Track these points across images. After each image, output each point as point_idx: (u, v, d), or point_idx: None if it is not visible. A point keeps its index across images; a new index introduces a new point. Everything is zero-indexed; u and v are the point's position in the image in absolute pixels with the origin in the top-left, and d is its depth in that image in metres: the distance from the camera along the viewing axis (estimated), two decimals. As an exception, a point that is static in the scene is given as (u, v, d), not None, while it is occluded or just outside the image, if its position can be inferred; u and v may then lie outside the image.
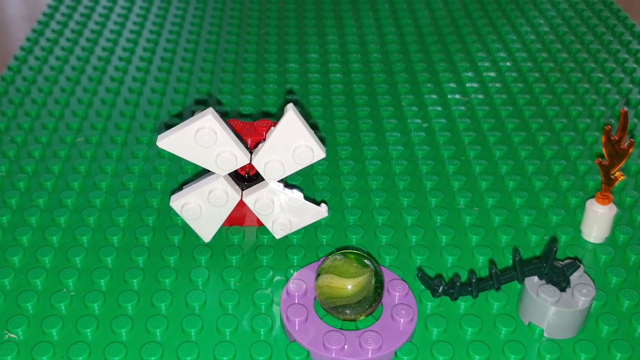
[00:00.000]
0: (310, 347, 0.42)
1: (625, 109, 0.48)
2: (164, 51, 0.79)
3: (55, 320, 0.44)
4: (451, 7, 0.93)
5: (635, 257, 0.50)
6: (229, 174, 0.48)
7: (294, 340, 0.42)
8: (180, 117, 0.67)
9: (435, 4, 0.94)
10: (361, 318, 0.43)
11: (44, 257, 0.49)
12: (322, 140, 0.63)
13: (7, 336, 0.43)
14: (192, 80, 0.74)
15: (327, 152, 0.51)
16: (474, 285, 0.44)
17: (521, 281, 0.44)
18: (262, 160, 0.46)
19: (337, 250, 0.49)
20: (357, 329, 0.43)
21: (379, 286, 0.43)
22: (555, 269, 0.44)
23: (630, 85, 0.73)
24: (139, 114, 0.67)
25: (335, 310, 0.43)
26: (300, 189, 0.56)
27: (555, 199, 0.56)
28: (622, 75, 0.75)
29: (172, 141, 0.45)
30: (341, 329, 0.43)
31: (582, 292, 0.43)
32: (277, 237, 0.50)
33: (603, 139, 0.48)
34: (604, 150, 0.48)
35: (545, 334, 0.44)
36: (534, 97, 0.71)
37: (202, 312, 0.45)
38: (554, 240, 0.52)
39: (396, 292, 0.44)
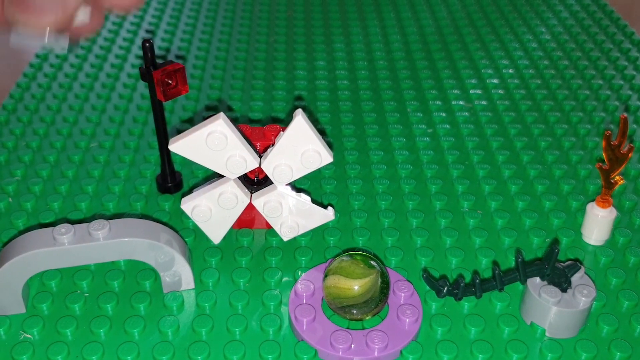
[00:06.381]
0: (318, 346, 0.42)
1: (625, 114, 0.48)
2: (175, 59, 0.80)
3: (69, 320, 0.45)
4: (455, 16, 0.94)
5: (635, 259, 0.51)
6: (239, 178, 0.49)
7: (302, 340, 0.43)
8: (191, 122, 0.68)
9: (439, 12, 0.95)
10: (367, 318, 0.44)
11: (60, 258, 0.50)
12: (330, 145, 0.63)
13: (22, 336, 0.44)
14: (203, 87, 0.75)
15: (334, 156, 0.51)
16: (478, 286, 0.45)
17: (523, 282, 0.45)
18: (271, 164, 0.47)
19: (344, 251, 0.50)
20: (363, 329, 0.44)
21: (384, 287, 0.43)
22: (556, 270, 0.44)
23: (630, 92, 0.74)
24: (151, 119, 0.68)
25: (343, 310, 0.43)
26: (308, 193, 0.57)
27: (556, 203, 0.57)
28: (621, 81, 0.76)
29: (183, 145, 0.46)
30: (348, 328, 0.44)
31: (582, 293, 0.43)
32: (285, 239, 0.51)
33: (603, 144, 0.49)
34: (604, 155, 0.49)
35: (547, 334, 0.44)
36: (535, 103, 0.72)
37: (213, 312, 0.46)
38: (555, 242, 0.53)
39: (402, 292, 0.45)
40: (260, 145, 0.50)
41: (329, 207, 0.50)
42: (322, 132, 0.66)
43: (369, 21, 0.92)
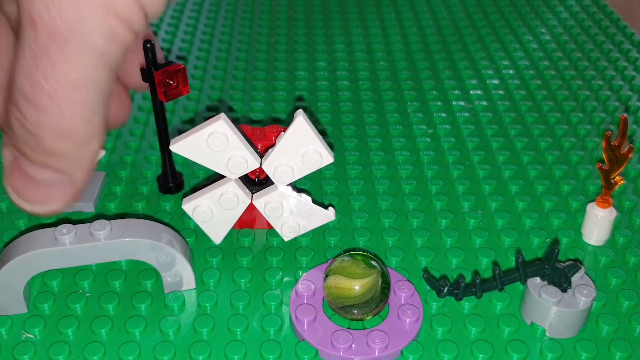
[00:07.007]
0: (318, 346, 0.42)
1: (625, 115, 0.48)
2: (177, 59, 0.80)
3: (71, 320, 0.45)
4: (455, 17, 0.94)
5: (635, 259, 0.51)
6: (240, 178, 0.50)
7: (303, 339, 0.43)
8: (192, 123, 0.68)
9: (439, 13, 0.95)
10: (368, 318, 0.44)
11: (61, 259, 0.50)
12: (331, 145, 0.64)
13: (24, 336, 0.44)
14: (204, 87, 0.75)
15: (335, 157, 0.51)
16: (478, 286, 0.45)
17: (524, 282, 0.45)
18: (272, 165, 0.47)
19: (345, 252, 0.50)
20: (364, 329, 0.44)
21: (385, 287, 0.44)
22: (556, 270, 0.44)
23: (630, 93, 0.74)
24: (152, 120, 0.68)
25: (343, 310, 0.44)
26: (309, 193, 0.57)
27: (556, 203, 0.57)
28: (621, 82, 0.76)
29: (184, 145, 0.46)
30: (349, 328, 0.44)
31: (583, 293, 0.43)
32: (286, 239, 0.51)
33: (603, 144, 0.49)
34: (604, 155, 0.49)
35: (547, 334, 0.44)
36: (535, 103, 0.72)
37: (214, 312, 0.46)
38: (555, 243, 0.53)
39: (402, 292, 0.45)
40: (261, 146, 0.50)
41: (330, 208, 0.50)
42: (322, 133, 0.66)
43: (370, 22, 0.93)
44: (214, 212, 0.49)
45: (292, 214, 0.50)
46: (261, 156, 0.48)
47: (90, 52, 0.38)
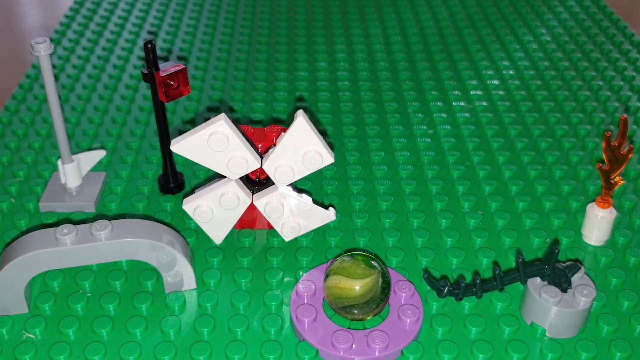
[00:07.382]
0: (319, 346, 0.43)
1: (625, 115, 0.49)
2: (177, 60, 0.81)
3: (72, 320, 0.45)
4: (456, 17, 0.94)
5: (635, 259, 0.51)
6: (240, 178, 0.50)
7: (304, 340, 0.43)
8: (192, 123, 0.68)
9: (440, 14, 0.95)
10: (368, 318, 0.44)
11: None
12: (331, 145, 0.64)
13: (25, 336, 0.44)
14: (205, 87, 0.75)
15: (335, 157, 0.52)
16: (478, 286, 0.45)
17: (524, 282, 0.45)
18: (273, 165, 0.47)
19: (345, 252, 0.50)
20: (364, 329, 0.44)
21: (385, 287, 0.44)
22: (557, 271, 0.45)
23: (630, 93, 0.74)
24: (153, 120, 0.68)
25: (344, 310, 0.44)
26: (309, 193, 0.57)
27: (556, 203, 0.57)
28: (621, 82, 0.76)
29: (185, 145, 0.46)
30: (349, 328, 0.44)
31: (583, 293, 0.43)
32: (287, 239, 0.51)
33: (603, 144, 0.49)
34: (604, 155, 0.49)
35: (547, 334, 0.44)
36: (536, 104, 0.72)
37: (214, 313, 0.46)
38: (555, 243, 0.53)
39: (402, 292, 0.45)
40: (262, 146, 0.50)
41: (330, 208, 0.51)
42: (323, 133, 0.67)
43: (370, 22, 0.93)
44: (214, 212, 0.49)
45: (292, 214, 0.50)
46: (262, 156, 0.49)
47: None
